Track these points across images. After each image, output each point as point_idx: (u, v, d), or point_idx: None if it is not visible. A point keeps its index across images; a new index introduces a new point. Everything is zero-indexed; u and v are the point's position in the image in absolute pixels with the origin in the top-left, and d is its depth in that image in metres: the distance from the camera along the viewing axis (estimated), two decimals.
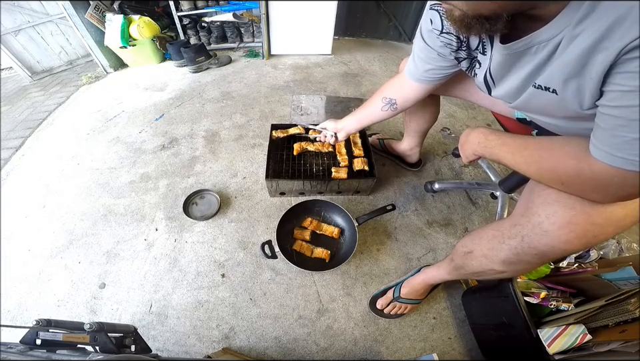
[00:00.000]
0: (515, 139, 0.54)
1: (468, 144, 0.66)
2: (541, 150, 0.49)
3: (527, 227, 0.51)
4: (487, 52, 0.55)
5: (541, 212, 0.49)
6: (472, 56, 0.61)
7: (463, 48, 0.60)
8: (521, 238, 0.52)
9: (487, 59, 0.56)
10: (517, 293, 0.70)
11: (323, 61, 2.16)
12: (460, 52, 0.62)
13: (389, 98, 0.86)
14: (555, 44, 0.40)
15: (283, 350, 0.87)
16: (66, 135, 1.64)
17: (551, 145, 0.48)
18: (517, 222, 0.54)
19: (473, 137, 0.64)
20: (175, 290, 0.98)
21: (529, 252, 0.52)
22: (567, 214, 0.46)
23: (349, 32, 2.52)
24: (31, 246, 1.12)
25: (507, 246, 0.55)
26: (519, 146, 0.53)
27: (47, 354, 0.45)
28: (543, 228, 0.49)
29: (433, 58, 0.69)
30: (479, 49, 0.57)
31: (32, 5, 2.19)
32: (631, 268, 0.72)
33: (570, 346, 0.65)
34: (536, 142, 0.51)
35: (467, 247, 0.67)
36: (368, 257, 1.05)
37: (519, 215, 0.54)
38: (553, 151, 0.47)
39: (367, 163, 1.14)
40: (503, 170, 1.33)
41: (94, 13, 1.97)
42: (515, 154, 0.53)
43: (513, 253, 0.54)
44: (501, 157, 0.56)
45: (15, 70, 2.42)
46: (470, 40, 0.57)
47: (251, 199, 1.22)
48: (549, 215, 0.48)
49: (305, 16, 1.95)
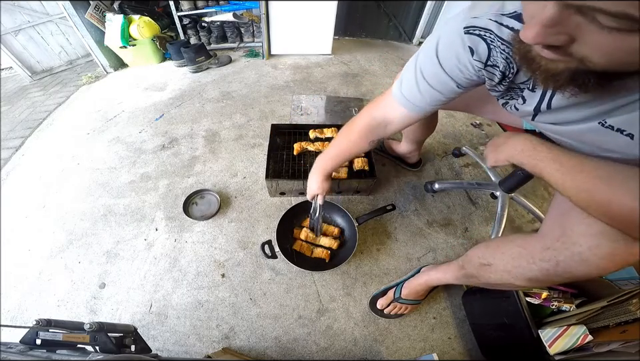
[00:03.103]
0: (569, 158, 0.47)
1: (506, 146, 0.59)
2: (598, 179, 0.43)
3: (564, 253, 0.49)
4: (536, 89, 0.47)
5: (583, 243, 0.47)
6: (513, 89, 0.52)
7: (504, 83, 0.51)
8: (556, 263, 0.50)
9: (536, 96, 0.48)
10: (519, 294, 0.70)
11: (323, 61, 2.16)
12: (498, 86, 0.53)
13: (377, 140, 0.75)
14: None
15: (283, 350, 0.87)
16: (66, 135, 1.64)
17: (609, 175, 0.42)
18: (550, 246, 0.52)
19: (515, 141, 0.57)
20: (175, 290, 0.98)
21: (562, 275, 0.50)
22: (610, 247, 0.45)
23: (348, 32, 2.51)
24: (30, 246, 1.12)
25: (538, 267, 0.53)
26: (572, 168, 0.46)
27: (47, 353, 0.45)
28: (582, 257, 0.47)
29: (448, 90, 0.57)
30: (527, 85, 0.48)
31: (32, 5, 2.19)
32: (631, 268, 0.72)
33: (571, 346, 0.64)
34: (593, 168, 0.44)
35: (484, 259, 0.65)
36: (368, 257, 1.05)
37: (552, 238, 0.52)
38: (612, 184, 0.42)
39: (367, 163, 1.14)
40: (503, 170, 1.33)
41: (94, 13, 1.97)
42: (565, 175, 0.46)
43: (542, 274, 0.53)
44: (545, 173, 0.50)
45: (15, 70, 2.42)
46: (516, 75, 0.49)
47: (250, 199, 1.22)
48: (592, 247, 0.46)
49: (305, 16, 1.95)
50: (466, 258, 0.72)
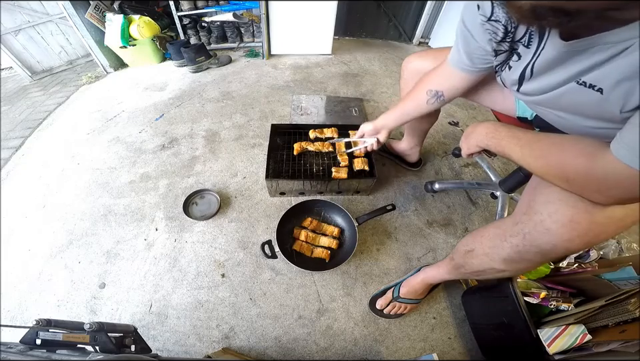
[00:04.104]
0: (525, 133, 0.54)
1: (474, 134, 0.65)
2: (551, 145, 0.49)
3: (529, 225, 0.51)
4: (531, 45, 0.51)
5: (543, 210, 0.50)
6: (513, 48, 0.56)
7: (507, 39, 0.55)
8: (523, 236, 0.52)
9: (531, 53, 0.52)
10: (517, 293, 0.70)
11: (323, 61, 2.16)
12: (502, 44, 0.57)
13: (435, 91, 0.80)
14: (621, 49, 0.39)
15: (283, 350, 0.87)
16: (66, 135, 1.64)
17: (562, 141, 0.48)
18: (518, 220, 0.54)
19: (481, 127, 0.64)
20: (175, 290, 0.98)
21: (531, 250, 0.52)
22: (569, 213, 0.46)
23: (348, 32, 2.52)
24: (31, 246, 1.12)
25: (509, 244, 0.55)
26: (529, 140, 0.52)
27: (47, 353, 0.45)
28: (545, 226, 0.49)
29: (475, 46, 0.62)
30: (523, 41, 0.52)
31: (32, 5, 2.19)
32: (630, 268, 0.73)
33: (570, 346, 0.65)
34: (547, 138, 0.50)
35: (468, 245, 0.67)
36: (368, 257, 1.05)
37: (520, 213, 0.55)
38: (564, 147, 0.46)
39: (367, 163, 1.14)
40: (503, 170, 1.33)
41: (94, 13, 1.97)
42: (524, 148, 0.52)
43: (514, 251, 0.55)
44: (507, 149, 0.56)
45: (15, 70, 2.41)
46: (516, 30, 0.53)
47: (250, 199, 1.22)
48: (551, 213, 0.48)
49: (305, 16, 1.95)
50: (455, 249, 0.74)
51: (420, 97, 0.84)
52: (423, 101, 0.83)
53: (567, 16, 0.36)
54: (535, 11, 0.37)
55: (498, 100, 0.80)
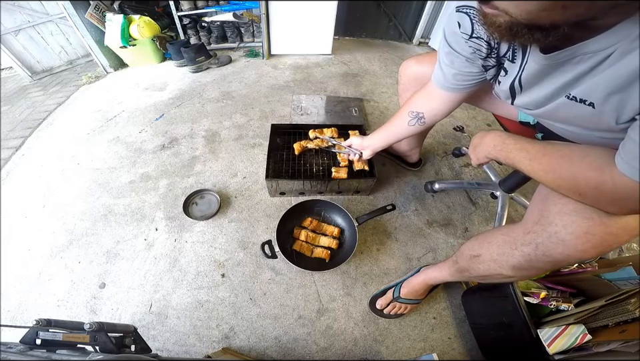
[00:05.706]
0: (533, 145, 0.53)
1: (482, 145, 0.64)
2: (560, 158, 0.47)
3: (542, 235, 0.51)
4: (516, 59, 0.52)
5: (558, 222, 0.49)
6: (500, 63, 0.57)
7: (492, 55, 0.57)
8: (535, 246, 0.52)
9: (516, 67, 0.53)
10: (517, 293, 0.70)
11: (323, 61, 2.16)
12: (489, 59, 0.58)
13: (416, 112, 0.82)
14: (603, 57, 0.38)
15: (283, 350, 0.87)
16: (66, 135, 1.64)
17: (570, 154, 0.47)
18: (530, 230, 0.53)
19: (488, 139, 0.62)
20: (175, 290, 0.98)
21: (543, 259, 0.51)
22: (584, 224, 0.46)
23: (348, 32, 2.52)
24: (31, 246, 1.12)
25: (520, 252, 0.54)
26: (537, 153, 0.51)
27: (47, 353, 0.45)
28: (559, 237, 0.48)
29: (460, 64, 0.65)
30: (507, 56, 0.54)
31: (32, 5, 2.18)
32: (630, 268, 0.72)
33: (570, 346, 0.65)
34: (555, 150, 0.49)
35: (474, 250, 0.67)
36: (368, 257, 1.05)
37: (532, 222, 0.54)
38: (573, 160, 0.46)
39: (366, 163, 1.14)
40: (503, 170, 1.33)
41: (94, 13, 1.97)
42: (533, 161, 0.52)
43: (525, 260, 0.54)
44: (516, 162, 0.55)
45: (15, 70, 2.41)
46: (500, 46, 0.54)
47: (250, 199, 1.22)
48: (567, 225, 0.48)
49: (305, 16, 1.95)
50: (459, 252, 0.73)
51: (403, 118, 0.85)
52: (405, 122, 0.85)
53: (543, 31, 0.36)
54: (511, 29, 0.37)
55: (499, 106, 0.80)
